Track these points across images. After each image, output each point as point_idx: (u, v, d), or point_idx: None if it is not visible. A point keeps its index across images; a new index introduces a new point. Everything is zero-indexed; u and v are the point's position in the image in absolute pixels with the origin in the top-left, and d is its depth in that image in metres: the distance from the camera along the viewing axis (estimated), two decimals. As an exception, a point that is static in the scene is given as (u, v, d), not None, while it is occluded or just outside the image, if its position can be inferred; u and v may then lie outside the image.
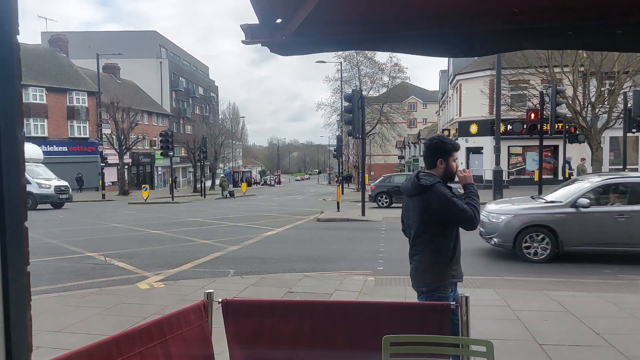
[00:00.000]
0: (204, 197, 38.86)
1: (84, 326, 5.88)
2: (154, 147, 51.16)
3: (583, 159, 25.59)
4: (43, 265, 9.78)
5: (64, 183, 27.49)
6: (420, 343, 2.41)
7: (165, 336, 2.73)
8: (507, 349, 5.09)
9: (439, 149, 3.62)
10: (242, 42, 2.79)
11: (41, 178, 26.46)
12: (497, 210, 10.82)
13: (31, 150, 27.16)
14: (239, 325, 2.92)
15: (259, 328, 2.82)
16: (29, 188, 23.65)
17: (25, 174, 0.82)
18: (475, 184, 3.73)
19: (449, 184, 3.60)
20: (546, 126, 18.97)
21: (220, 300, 2.98)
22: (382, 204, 25.06)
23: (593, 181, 10.40)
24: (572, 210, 9.89)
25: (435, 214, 3.46)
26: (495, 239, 10.34)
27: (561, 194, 10.71)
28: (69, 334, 5.49)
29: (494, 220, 10.49)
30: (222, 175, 54.75)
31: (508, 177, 32.83)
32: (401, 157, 78.05)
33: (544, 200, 10.88)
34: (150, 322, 2.58)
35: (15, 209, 0.76)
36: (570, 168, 24.66)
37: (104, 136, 40.17)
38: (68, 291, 7.71)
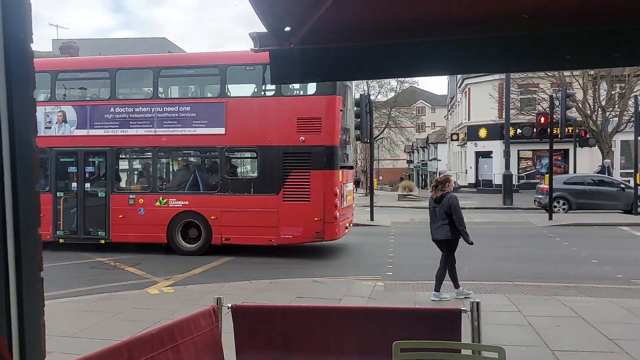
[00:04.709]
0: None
1: (95, 331, 5.91)
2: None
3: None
4: (54, 270, 9.84)
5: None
6: (431, 349, 2.39)
7: (176, 341, 2.74)
8: (519, 355, 5.04)
9: None
10: (251, 50, 2.80)
11: None
12: None
13: None
14: (248, 330, 2.93)
15: (269, 333, 2.82)
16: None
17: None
18: None
19: None
20: (556, 130, 18.84)
21: (230, 305, 2.99)
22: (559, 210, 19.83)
23: None
24: None
25: None
26: None
27: None
28: (81, 338, 5.52)
29: None
30: None
31: (518, 182, 32.60)
32: (410, 162, 77.83)
33: None
34: (162, 327, 2.59)
35: (30, 215, 0.77)
36: (609, 173, 23.80)
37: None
38: (79, 296, 7.76)
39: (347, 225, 12.66)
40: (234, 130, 11.54)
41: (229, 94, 11.95)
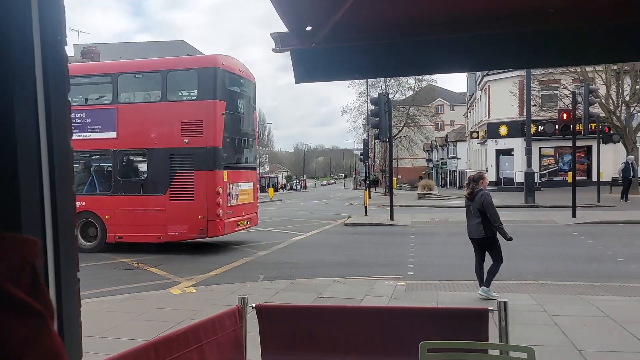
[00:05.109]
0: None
1: (121, 331, 5.99)
2: (183, 154, 51.90)
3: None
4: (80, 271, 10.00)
5: None
6: (457, 349, 2.36)
7: (201, 341, 2.75)
8: (546, 355, 4.96)
9: None
10: (273, 50, 2.80)
11: None
12: None
13: None
14: (273, 330, 2.93)
15: (293, 333, 2.81)
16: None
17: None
18: None
19: None
20: (579, 126, 18.51)
21: (254, 305, 2.99)
22: None
23: None
24: None
25: None
26: None
27: None
28: (107, 338, 5.60)
29: None
30: None
31: (540, 179, 32.12)
32: (429, 160, 77.28)
33: None
34: (187, 327, 2.61)
35: (68, 217, 0.78)
36: (633, 170, 23.05)
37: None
38: (104, 296, 7.87)
39: (244, 222, 13.39)
40: (125, 134, 12.44)
41: (120, 100, 12.75)
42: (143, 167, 12.91)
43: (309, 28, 2.65)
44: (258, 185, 16.21)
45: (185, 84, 12.77)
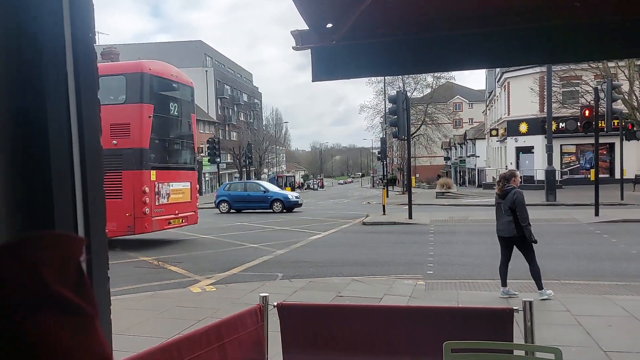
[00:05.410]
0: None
1: (142, 329, 6.05)
2: (202, 154, 52.35)
3: None
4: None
5: None
6: (482, 350, 2.32)
7: (222, 340, 2.76)
8: (570, 356, 4.87)
9: None
10: (293, 48, 2.79)
11: None
12: None
13: None
14: (294, 329, 2.92)
15: (315, 332, 2.80)
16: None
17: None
18: None
19: None
20: (601, 123, 18.17)
21: (275, 304, 2.99)
22: None
23: None
24: None
25: None
26: None
27: None
28: (129, 336, 5.66)
29: None
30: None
31: (561, 177, 31.63)
32: (447, 159, 76.63)
33: None
34: (209, 326, 2.62)
35: (99, 214, 0.77)
36: None
37: (153, 144, 41.45)
38: (125, 294, 7.97)
39: (178, 221, 13.92)
40: None
41: None
42: None
43: (329, 25, 2.64)
44: (198, 186, 16.74)
45: (115, 89, 13.17)
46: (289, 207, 25.91)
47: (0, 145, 0.64)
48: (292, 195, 27.34)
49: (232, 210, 26.35)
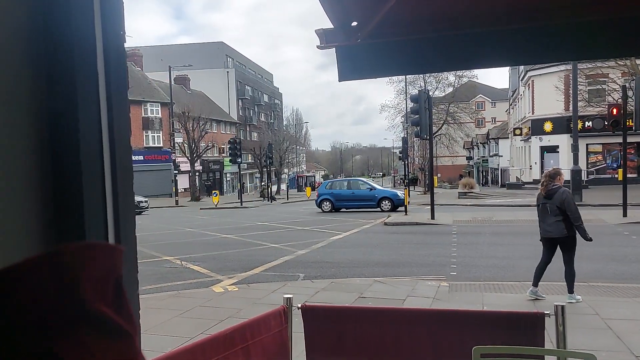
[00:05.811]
0: (271, 202, 39.58)
1: (165, 328, 6.10)
2: (223, 155, 52.85)
3: None
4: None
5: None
6: (514, 355, 2.26)
7: (247, 342, 2.74)
8: (600, 361, 4.74)
9: None
10: (317, 47, 2.76)
11: None
12: None
13: None
14: (318, 331, 2.89)
15: (340, 335, 2.77)
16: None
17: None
18: None
19: None
20: (629, 122, 17.72)
21: (299, 305, 2.97)
22: None
23: None
24: None
25: None
26: None
27: None
28: (153, 335, 5.71)
29: None
30: (263, 183, 55.43)
31: (587, 177, 30.99)
32: (469, 158, 75.76)
33: None
34: (234, 327, 2.60)
35: (129, 217, 0.75)
36: None
37: (176, 145, 41.98)
38: (149, 294, 8.05)
39: None
40: None
41: None
42: None
43: (354, 23, 2.60)
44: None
45: None
46: (398, 205, 24.40)
47: (32, 146, 0.63)
48: (400, 193, 25.48)
49: (332, 210, 25.39)
